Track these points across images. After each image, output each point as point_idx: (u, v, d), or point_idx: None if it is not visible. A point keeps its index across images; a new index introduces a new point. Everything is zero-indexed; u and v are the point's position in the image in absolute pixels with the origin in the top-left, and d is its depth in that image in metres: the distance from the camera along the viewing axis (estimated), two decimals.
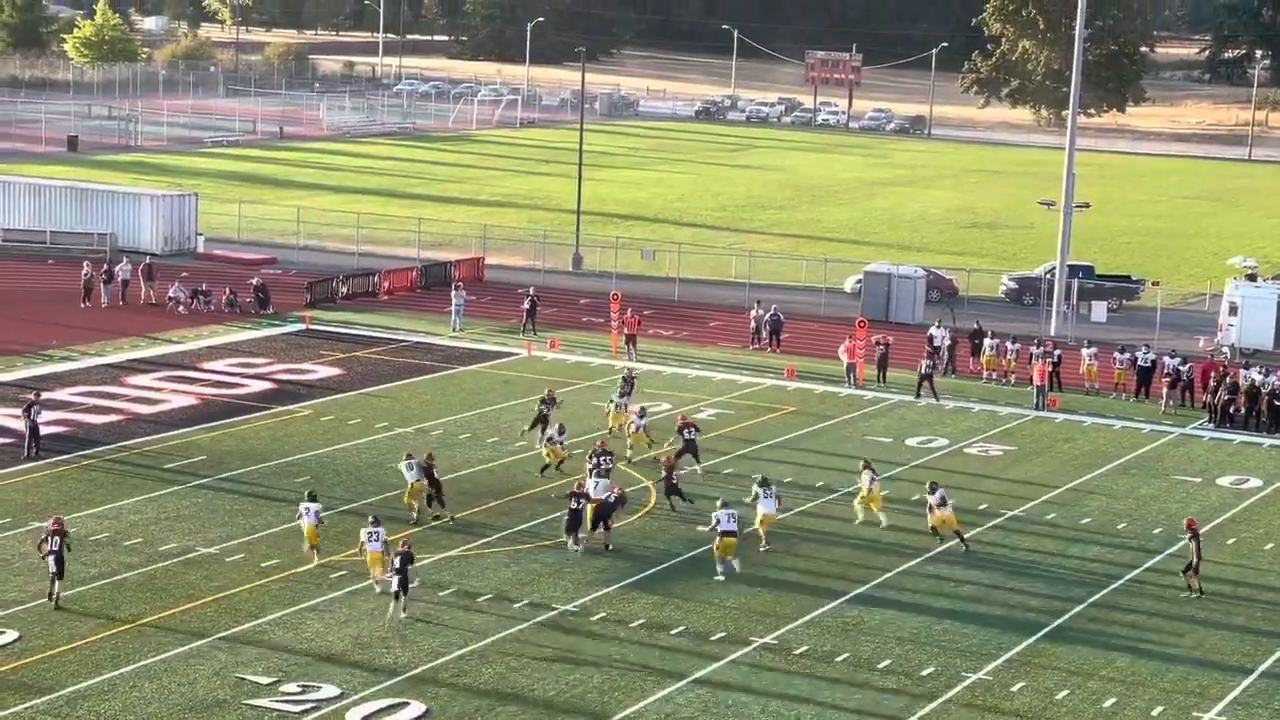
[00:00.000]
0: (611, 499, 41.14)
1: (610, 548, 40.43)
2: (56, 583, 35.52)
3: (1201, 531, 39.70)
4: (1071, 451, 51.84)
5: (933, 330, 62.81)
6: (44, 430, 47.40)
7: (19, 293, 68.93)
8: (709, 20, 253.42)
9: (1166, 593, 39.26)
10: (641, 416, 48.69)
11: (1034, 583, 39.56)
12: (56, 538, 35.58)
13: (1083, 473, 49.36)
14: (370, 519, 37.65)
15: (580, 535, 40.30)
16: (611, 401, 50.96)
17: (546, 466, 46.08)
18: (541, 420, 48.70)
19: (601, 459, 43.16)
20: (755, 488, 42.09)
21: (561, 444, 46.29)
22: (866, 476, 43.37)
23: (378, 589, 36.74)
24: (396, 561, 35.81)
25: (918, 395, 57.54)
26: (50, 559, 35.40)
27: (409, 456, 42.77)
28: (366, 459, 47.21)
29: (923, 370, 57.96)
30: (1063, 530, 43.71)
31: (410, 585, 35.73)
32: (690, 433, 47.30)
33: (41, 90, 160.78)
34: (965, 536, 41.90)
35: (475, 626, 35.24)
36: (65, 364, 57.28)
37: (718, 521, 39.14)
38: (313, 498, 39.21)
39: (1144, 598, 38.91)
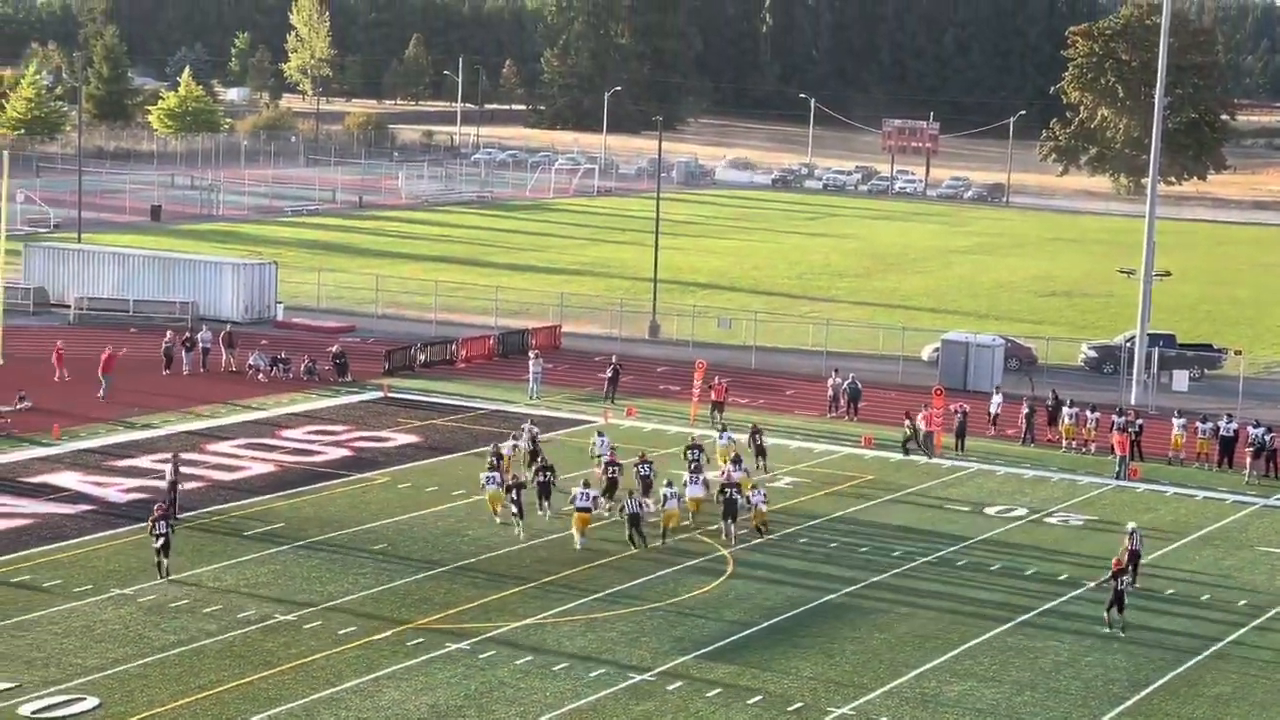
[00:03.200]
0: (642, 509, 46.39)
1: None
2: (164, 558, 41.23)
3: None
4: (1153, 522, 51.29)
5: (995, 398, 63.65)
6: (126, 498, 47.94)
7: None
8: (785, 89, 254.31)
9: (1252, 666, 38.72)
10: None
11: (1115, 655, 39.11)
12: (162, 522, 41.33)
13: (1165, 543, 48.83)
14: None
15: (523, 521, 46.93)
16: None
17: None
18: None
19: (641, 467, 49.58)
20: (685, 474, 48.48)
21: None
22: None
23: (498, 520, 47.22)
24: (514, 494, 46.49)
25: (906, 452, 58.37)
26: (158, 539, 41.05)
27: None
28: (443, 527, 47.29)
29: (924, 428, 58.79)
30: (1145, 601, 43.17)
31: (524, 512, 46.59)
32: (646, 469, 49.90)
33: (126, 161, 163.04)
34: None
35: (551, 694, 35.14)
36: (147, 431, 57.76)
37: (574, 498, 45.69)
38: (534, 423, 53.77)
39: (1228, 671, 38.37)
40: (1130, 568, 42.48)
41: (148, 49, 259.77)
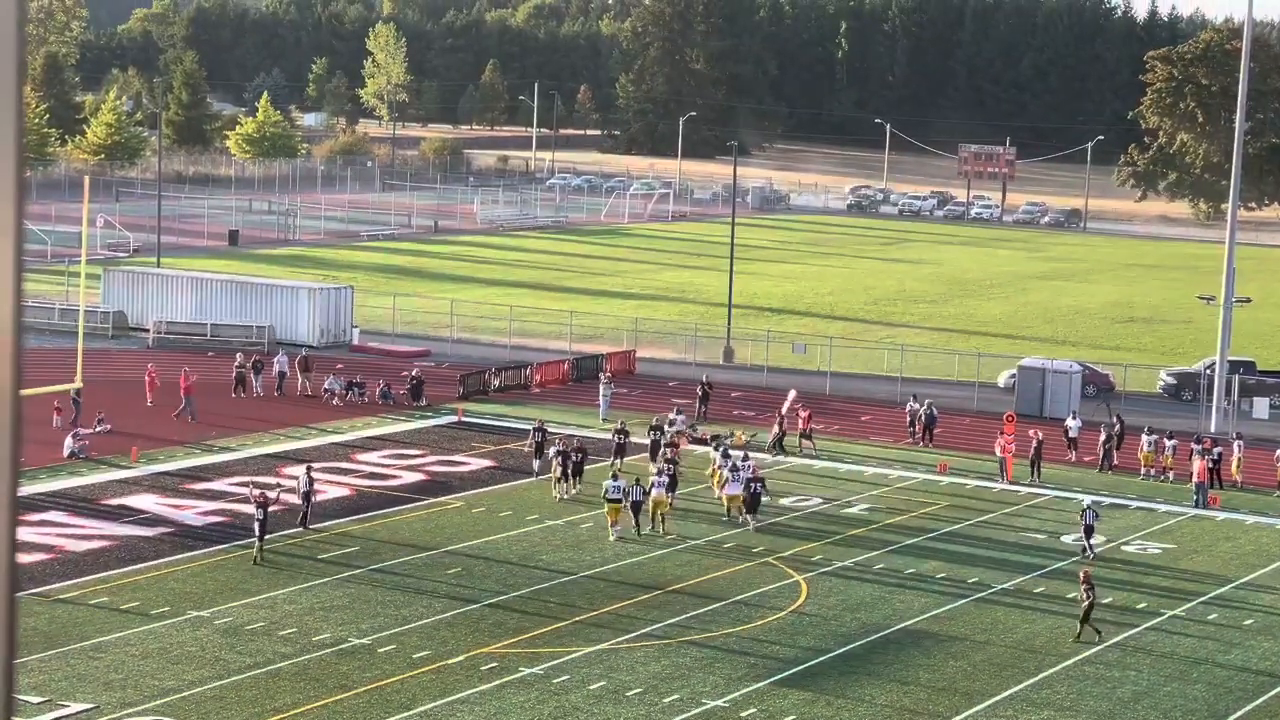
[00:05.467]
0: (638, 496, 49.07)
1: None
2: (258, 543, 44.78)
3: None
4: (1233, 551, 50.76)
5: (1069, 421, 63.33)
6: (203, 521, 48.32)
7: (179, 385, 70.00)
8: (861, 114, 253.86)
9: None
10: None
11: (1194, 685, 38.67)
12: (261, 509, 44.71)
13: (1245, 572, 48.30)
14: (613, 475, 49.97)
15: (564, 485, 52.54)
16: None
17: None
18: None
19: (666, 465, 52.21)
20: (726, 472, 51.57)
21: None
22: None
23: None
24: (561, 460, 51.72)
25: (782, 451, 60.77)
26: (256, 525, 44.79)
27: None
28: (518, 551, 47.36)
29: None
30: (1224, 631, 42.74)
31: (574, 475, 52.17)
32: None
33: (204, 185, 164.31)
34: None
35: None
36: (223, 455, 58.14)
37: (606, 490, 48.60)
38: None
39: None
40: (1087, 540, 46.85)
41: (226, 75, 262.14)
